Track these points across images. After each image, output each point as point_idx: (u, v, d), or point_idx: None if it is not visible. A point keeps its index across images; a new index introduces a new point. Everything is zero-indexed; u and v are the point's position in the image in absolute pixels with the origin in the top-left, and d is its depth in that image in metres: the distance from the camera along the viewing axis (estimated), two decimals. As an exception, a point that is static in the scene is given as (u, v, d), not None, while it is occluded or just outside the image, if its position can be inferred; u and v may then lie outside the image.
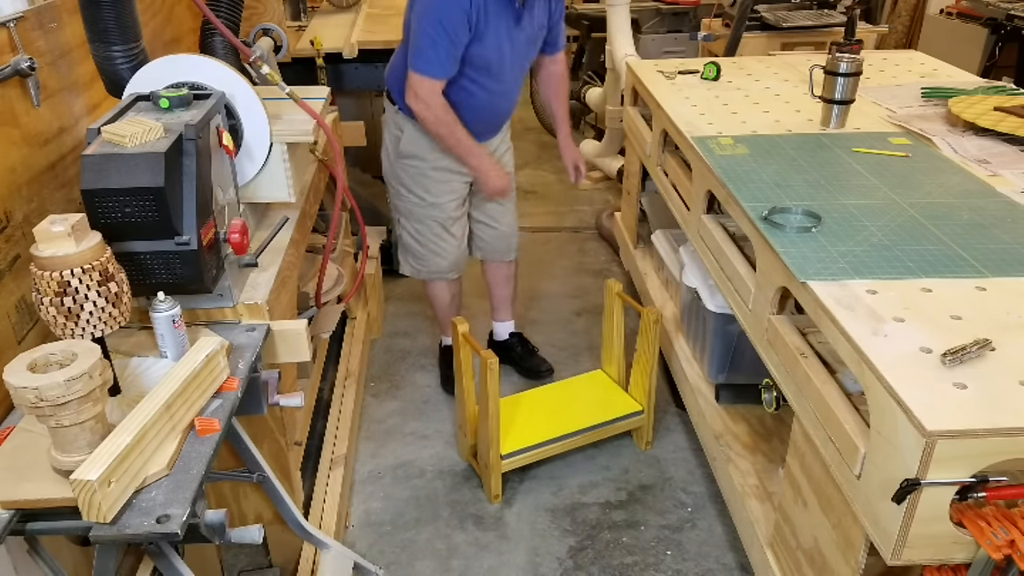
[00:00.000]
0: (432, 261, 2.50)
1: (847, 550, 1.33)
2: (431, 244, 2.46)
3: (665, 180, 2.51)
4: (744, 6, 3.46)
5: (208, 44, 2.01)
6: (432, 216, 2.41)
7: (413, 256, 2.52)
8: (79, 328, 1.20)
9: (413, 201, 2.41)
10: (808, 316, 1.45)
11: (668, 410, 2.60)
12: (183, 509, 1.11)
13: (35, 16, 1.57)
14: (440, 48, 2.05)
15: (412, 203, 2.41)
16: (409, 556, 2.08)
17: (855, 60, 2.14)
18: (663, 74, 2.82)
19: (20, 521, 1.15)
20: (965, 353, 1.19)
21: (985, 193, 1.78)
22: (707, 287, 2.15)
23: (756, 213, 1.69)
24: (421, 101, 2.12)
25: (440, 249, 2.47)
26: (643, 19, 4.29)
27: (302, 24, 3.64)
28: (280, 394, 1.52)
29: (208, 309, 1.55)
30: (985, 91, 2.43)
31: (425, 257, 2.49)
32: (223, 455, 1.59)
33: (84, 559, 1.49)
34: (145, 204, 1.30)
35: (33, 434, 1.23)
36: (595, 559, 2.06)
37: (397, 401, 2.70)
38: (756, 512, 1.81)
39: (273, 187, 1.79)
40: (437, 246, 2.46)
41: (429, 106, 2.12)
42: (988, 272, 1.45)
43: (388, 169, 2.45)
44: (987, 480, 1.12)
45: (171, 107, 1.46)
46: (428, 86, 2.10)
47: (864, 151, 2.04)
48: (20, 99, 1.51)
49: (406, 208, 2.44)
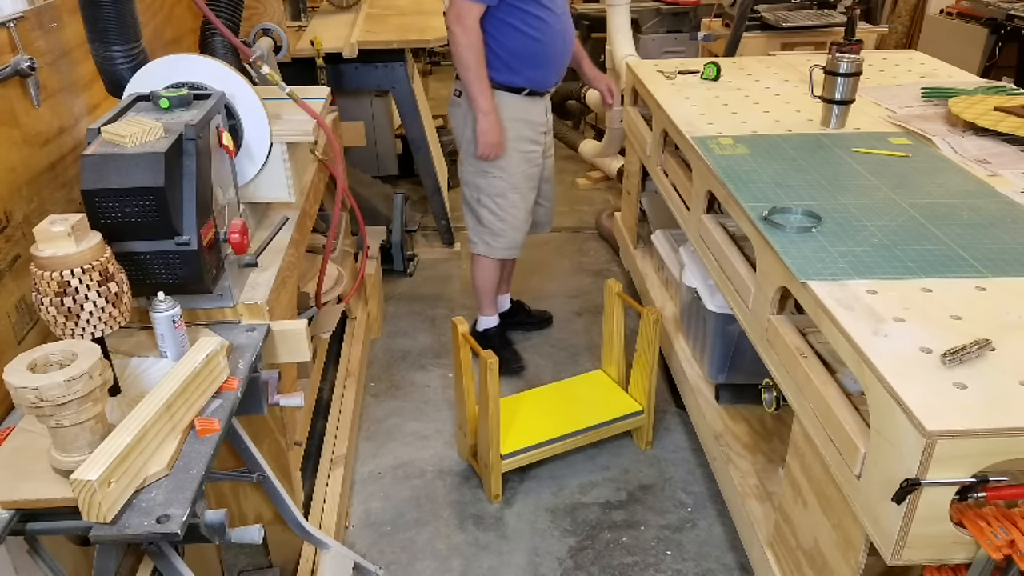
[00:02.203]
0: (509, 236, 2.63)
1: (847, 550, 1.33)
2: (509, 217, 2.58)
3: (665, 180, 2.51)
4: (744, 6, 3.46)
5: (208, 44, 2.00)
6: (511, 187, 2.54)
7: (491, 233, 2.62)
8: (79, 328, 1.20)
9: (494, 175, 2.52)
10: (808, 316, 1.45)
11: (668, 410, 2.60)
12: (183, 509, 1.11)
13: (35, 16, 1.57)
14: None
15: (494, 177, 2.53)
16: (409, 556, 2.08)
17: (855, 60, 2.14)
18: (663, 74, 2.82)
19: (20, 521, 1.15)
20: (965, 353, 1.19)
21: (985, 193, 1.78)
22: (707, 287, 2.15)
23: (756, 213, 1.69)
24: (460, 23, 2.28)
25: (516, 220, 2.61)
26: (643, 19, 4.29)
27: (302, 24, 3.64)
28: (280, 394, 1.51)
29: (208, 309, 1.55)
30: (985, 91, 2.43)
31: (503, 233, 2.61)
32: (223, 455, 1.59)
33: (84, 559, 1.49)
34: (145, 204, 1.30)
35: (33, 434, 1.23)
36: (595, 559, 2.06)
37: (397, 401, 2.70)
38: (756, 512, 1.81)
39: (273, 187, 1.79)
40: (514, 217, 2.60)
41: (466, 29, 2.28)
42: (988, 272, 1.45)
43: (466, 149, 2.55)
44: (987, 480, 1.12)
45: (171, 107, 1.46)
46: (467, 8, 2.26)
47: (864, 151, 2.04)
48: (20, 99, 1.51)
49: (487, 184, 2.55)
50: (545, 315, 3.10)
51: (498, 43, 2.35)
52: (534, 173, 2.60)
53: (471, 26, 2.28)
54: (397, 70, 3.32)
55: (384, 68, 3.31)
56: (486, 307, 2.85)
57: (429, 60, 6.40)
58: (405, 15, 3.74)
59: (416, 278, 3.53)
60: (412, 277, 3.54)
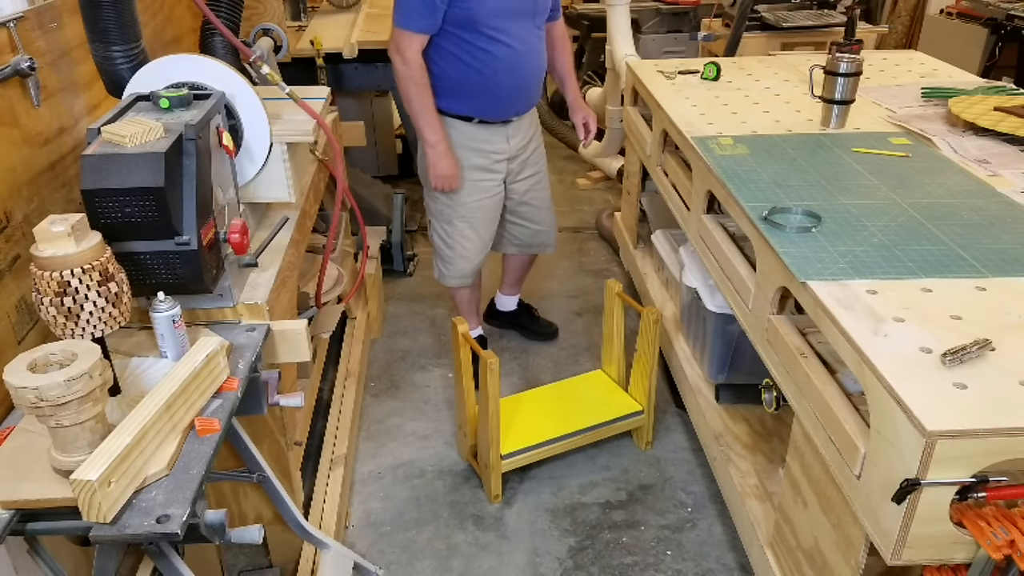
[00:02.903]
0: (458, 265, 2.50)
1: (847, 550, 1.33)
2: (457, 246, 2.46)
3: (665, 180, 2.51)
4: (744, 6, 3.46)
5: (208, 44, 2.01)
6: (459, 215, 2.43)
7: (441, 259, 2.53)
8: (79, 328, 1.20)
9: (443, 201, 2.43)
10: (808, 316, 1.45)
11: (668, 410, 2.60)
12: (183, 509, 1.11)
13: (35, 16, 1.57)
14: (417, 4, 2.10)
15: (441, 203, 2.44)
16: (409, 556, 2.08)
17: (855, 60, 2.14)
18: (663, 74, 2.82)
19: (20, 521, 1.15)
20: (965, 353, 1.19)
21: (985, 193, 1.78)
22: (707, 287, 2.15)
23: (756, 213, 1.69)
24: (399, 54, 2.16)
25: (465, 251, 2.47)
26: (643, 19, 4.29)
27: (302, 24, 3.64)
28: (280, 394, 1.52)
29: (208, 309, 1.55)
30: (985, 91, 2.43)
31: (452, 261, 2.50)
32: (223, 455, 1.59)
33: (84, 559, 1.49)
34: (145, 204, 1.30)
35: (33, 434, 1.23)
36: (595, 559, 2.06)
37: (397, 401, 2.70)
38: (756, 512, 1.81)
39: (273, 187, 1.79)
40: (463, 247, 2.46)
41: (406, 60, 2.16)
42: (988, 272, 1.45)
43: (421, 170, 2.47)
44: (987, 480, 1.12)
45: (171, 107, 1.46)
46: (407, 40, 2.14)
47: (864, 151, 2.04)
48: (20, 99, 1.51)
49: (436, 208, 2.47)
50: (551, 328, 3.00)
51: (441, 70, 2.24)
52: (490, 203, 2.45)
53: (410, 57, 2.16)
54: (397, 70, 3.32)
55: (384, 68, 3.31)
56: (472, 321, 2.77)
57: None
58: (405, 15, 3.73)
59: (416, 278, 3.53)
60: (412, 277, 3.54)
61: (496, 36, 2.19)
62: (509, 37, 2.21)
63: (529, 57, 2.30)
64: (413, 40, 2.15)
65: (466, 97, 2.28)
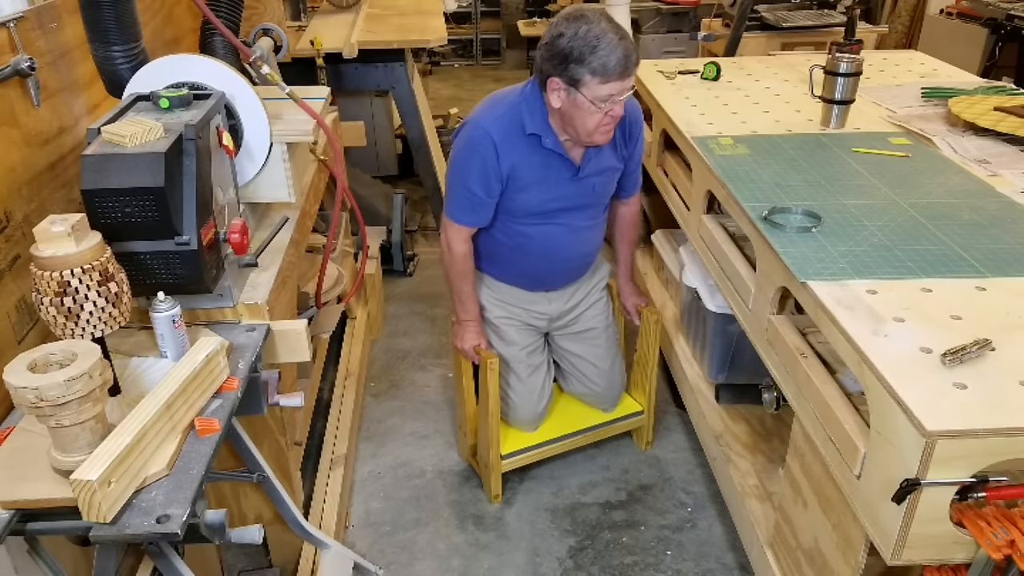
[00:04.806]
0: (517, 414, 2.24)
1: (847, 550, 1.33)
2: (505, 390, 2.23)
3: (665, 180, 2.51)
4: (744, 6, 3.46)
5: (208, 44, 2.01)
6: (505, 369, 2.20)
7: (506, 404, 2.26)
8: (79, 328, 1.20)
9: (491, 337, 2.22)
10: (808, 316, 1.45)
11: (668, 410, 2.60)
12: (183, 509, 1.11)
13: (35, 16, 1.57)
14: (463, 200, 1.97)
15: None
16: (409, 556, 2.08)
17: (855, 60, 2.14)
18: (663, 74, 2.82)
19: (20, 521, 1.14)
20: (965, 353, 1.19)
21: (985, 193, 1.78)
22: (707, 287, 2.15)
23: (756, 213, 1.69)
24: (446, 244, 2.05)
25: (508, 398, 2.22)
26: (643, 19, 4.30)
27: (302, 24, 3.64)
28: (280, 394, 1.51)
29: (208, 309, 1.55)
30: (985, 91, 2.43)
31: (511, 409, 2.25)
32: (223, 455, 1.59)
33: (84, 559, 1.49)
34: (145, 204, 1.30)
35: (33, 434, 1.23)
36: (595, 559, 2.06)
37: (397, 401, 2.70)
38: (756, 512, 1.81)
39: (273, 187, 1.79)
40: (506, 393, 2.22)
41: (451, 248, 2.04)
42: (988, 272, 1.45)
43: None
44: (987, 480, 1.12)
45: (171, 107, 1.46)
46: (454, 232, 2.02)
47: (864, 151, 2.04)
48: (20, 99, 1.51)
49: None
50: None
51: (479, 238, 2.09)
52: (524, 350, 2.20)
53: (456, 249, 2.02)
54: (397, 70, 3.32)
55: (384, 68, 3.31)
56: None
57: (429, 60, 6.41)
58: (405, 15, 3.74)
59: (416, 278, 3.53)
60: (412, 277, 3.54)
61: (537, 221, 2.03)
62: (551, 222, 2.03)
63: (571, 243, 2.09)
64: (461, 232, 2.02)
65: (499, 267, 2.15)
